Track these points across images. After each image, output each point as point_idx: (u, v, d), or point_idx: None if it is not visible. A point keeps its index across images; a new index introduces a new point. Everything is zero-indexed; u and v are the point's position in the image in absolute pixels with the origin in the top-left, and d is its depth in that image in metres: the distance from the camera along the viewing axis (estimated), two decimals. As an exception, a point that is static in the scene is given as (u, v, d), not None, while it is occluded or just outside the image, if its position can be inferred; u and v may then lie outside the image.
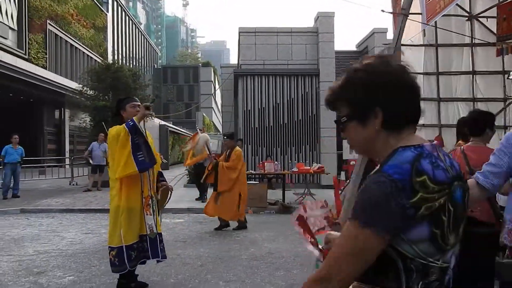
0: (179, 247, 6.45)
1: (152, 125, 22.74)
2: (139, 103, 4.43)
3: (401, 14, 2.47)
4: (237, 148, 8.13)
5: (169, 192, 4.75)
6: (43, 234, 7.55)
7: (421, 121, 6.79)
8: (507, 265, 1.82)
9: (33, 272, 5.11)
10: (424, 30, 9.28)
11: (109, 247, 4.23)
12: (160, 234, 4.39)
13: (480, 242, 1.39)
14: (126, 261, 4.11)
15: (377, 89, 1.19)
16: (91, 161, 14.25)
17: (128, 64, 44.23)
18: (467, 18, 7.31)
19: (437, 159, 1.15)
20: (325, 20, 15.21)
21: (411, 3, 5.12)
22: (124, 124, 4.22)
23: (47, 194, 13.05)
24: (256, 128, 15.33)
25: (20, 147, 12.59)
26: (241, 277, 4.91)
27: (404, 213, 1.06)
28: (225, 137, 8.27)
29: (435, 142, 2.50)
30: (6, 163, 12.07)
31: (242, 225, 7.88)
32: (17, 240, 7.00)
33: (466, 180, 1.58)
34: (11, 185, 12.27)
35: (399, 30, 2.42)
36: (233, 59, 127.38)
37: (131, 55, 54.32)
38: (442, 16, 7.56)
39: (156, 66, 67.52)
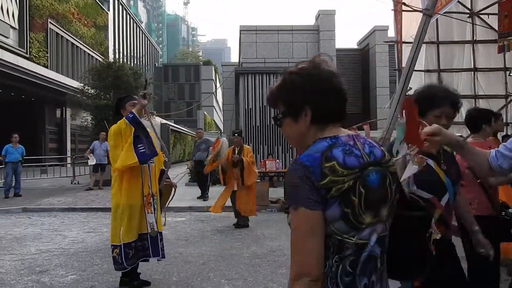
0: (181, 246, 6.46)
1: (154, 124, 22.71)
2: (135, 101, 4.41)
3: (424, 15, 2.45)
4: (246, 145, 8.26)
5: (173, 189, 4.75)
6: (45, 233, 7.56)
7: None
8: None
9: (36, 271, 5.12)
10: (425, 27, 9.28)
11: (112, 245, 4.24)
12: (160, 233, 4.39)
13: (412, 224, 1.48)
14: (123, 259, 4.11)
15: (307, 91, 1.37)
16: (89, 161, 14.19)
17: (129, 62, 44.25)
18: (468, 15, 7.30)
19: (352, 147, 1.33)
20: (326, 18, 15.19)
21: (436, 2, 5.10)
22: (123, 118, 4.21)
23: (49, 193, 13.07)
24: (258, 126, 15.33)
25: (20, 146, 12.60)
26: (243, 275, 4.91)
27: (318, 192, 1.25)
28: (235, 134, 8.32)
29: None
30: (7, 162, 12.08)
31: (245, 223, 7.90)
32: (19, 239, 7.02)
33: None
34: (13, 184, 12.30)
35: (421, 31, 2.41)
36: (234, 58, 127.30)
37: (132, 54, 54.28)
38: (444, 13, 7.56)
39: (157, 65, 67.47)
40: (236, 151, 7.98)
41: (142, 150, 4.08)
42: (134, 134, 4.11)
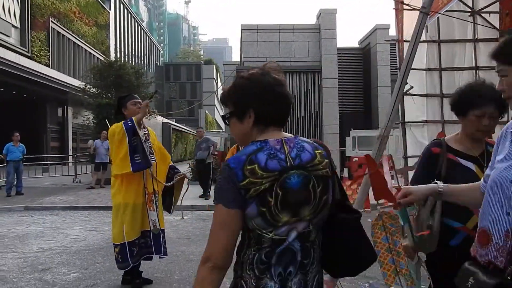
0: (183, 244, 6.48)
1: (155, 123, 22.76)
2: (140, 101, 4.46)
3: (421, 12, 2.44)
4: None
5: (186, 180, 4.73)
6: (47, 231, 7.59)
7: (423, 118, 6.79)
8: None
9: (38, 269, 5.15)
10: (426, 26, 9.29)
11: (113, 244, 4.26)
12: (162, 230, 4.41)
13: (345, 226, 1.58)
14: (128, 257, 4.13)
15: (252, 95, 1.51)
16: (92, 152, 14.24)
17: (130, 61, 44.28)
18: (469, 14, 7.30)
19: (278, 151, 1.45)
20: (327, 16, 15.18)
21: (432, 0, 5.11)
22: (122, 122, 4.23)
23: (50, 191, 13.11)
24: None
25: (21, 144, 12.66)
26: (244, 273, 4.93)
27: (238, 192, 1.40)
28: None
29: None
30: (9, 161, 12.12)
31: None
32: (22, 237, 7.04)
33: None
34: (15, 182, 12.34)
35: (418, 29, 2.40)
36: (235, 57, 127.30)
37: (133, 53, 54.33)
38: (445, 11, 7.56)
39: (158, 64, 67.53)
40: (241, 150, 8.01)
41: (138, 161, 4.14)
42: (132, 143, 4.15)
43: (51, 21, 28.60)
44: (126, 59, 43.97)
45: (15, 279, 4.76)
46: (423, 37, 10.20)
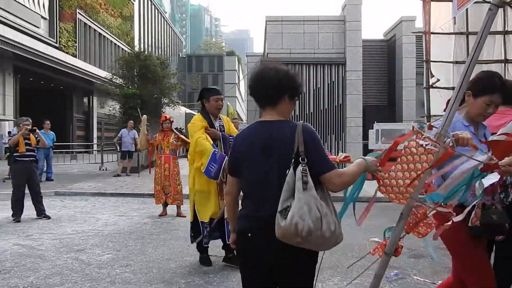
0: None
1: (179, 113, 23.06)
2: (222, 97, 4.81)
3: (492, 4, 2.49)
4: None
5: None
6: (79, 215, 7.88)
7: None
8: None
9: (74, 249, 5.39)
10: (454, 17, 9.16)
11: (201, 222, 4.65)
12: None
13: None
14: (208, 235, 4.64)
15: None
16: (118, 148, 14.65)
17: (154, 53, 44.71)
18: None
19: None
20: (352, 8, 15.08)
21: None
22: (213, 140, 4.56)
23: (79, 178, 13.49)
24: (282, 116, 15.37)
25: (51, 132, 13.10)
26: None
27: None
28: None
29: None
30: (39, 148, 12.49)
31: None
32: (55, 220, 7.34)
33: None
34: (45, 169, 12.74)
35: (486, 22, 2.49)
36: (257, 48, 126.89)
37: (156, 44, 54.81)
38: (474, 3, 7.47)
39: (180, 55, 67.92)
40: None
41: (211, 169, 4.41)
42: (214, 152, 4.44)
43: (78, 12, 29.13)
44: (150, 50, 44.43)
45: (53, 258, 5.01)
46: (451, 29, 10.06)
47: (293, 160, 1.96)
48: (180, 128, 9.03)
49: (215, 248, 5.01)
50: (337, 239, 1.97)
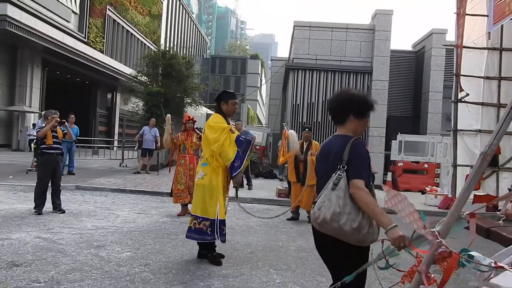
0: (228, 234, 6.56)
1: (200, 114, 23.13)
2: (237, 101, 5.05)
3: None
4: (315, 141, 8.35)
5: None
6: (99, 211, 7.92)
7: (477, 126, 6.80)
8: None
9: (93, 245, 5.39)
10: (489, 32, 8.94)
11: (202, 217, 4.79)
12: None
13: None
14: (218, 234, 4.76)
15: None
16: (138, 145, 14.79)
17: (179, 52, 45.04)
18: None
19: None
20: (383, 18, 14.92)
21: None
22: (235, 140, 4.84)
23: (99, 173, 13.61)
24: (304, 123, 15.31)
25: (75, 126, 13.24)
26: (291, 266, 4.99)
27: None
28: (306, 129, 8.47)
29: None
30: (64, 141, 12.64)
31: (296, 216, 8.17)
32: (76, 214, 7.38)
33: None
34: (67, 162, 12.87)
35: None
36: (281, 53, 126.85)
37: (182, 44, 55.27)
38: (511, 19, 7.26)
39: (204, 56, 68.37)
40: (305, 146, 8.14)
41: (235, 165, 4.71)
42: (238, 150, 4.77)
43: (108, 8, 29.56)
44: (176, 49, 44.76)
45: (73, 253, 5.01)
46: (484, 44, 9.85)
47: (339, 166, 2.45)
48: (201, 128, 9.04)
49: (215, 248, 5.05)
50: (364, 236, 2.37)
